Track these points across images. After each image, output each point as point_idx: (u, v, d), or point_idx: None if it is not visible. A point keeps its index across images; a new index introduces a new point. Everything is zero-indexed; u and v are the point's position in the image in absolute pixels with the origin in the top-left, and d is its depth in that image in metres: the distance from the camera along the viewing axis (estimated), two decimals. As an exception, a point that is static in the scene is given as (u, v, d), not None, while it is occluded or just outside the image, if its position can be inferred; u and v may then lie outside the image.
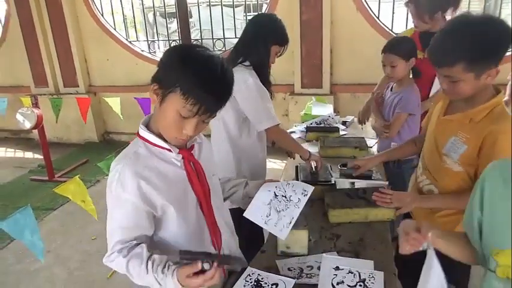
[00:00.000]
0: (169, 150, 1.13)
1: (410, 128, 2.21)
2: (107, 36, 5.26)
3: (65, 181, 2.39)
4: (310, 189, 1.42)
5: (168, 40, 5.55)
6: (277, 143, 2.07)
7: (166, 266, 1.06)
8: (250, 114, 1.89)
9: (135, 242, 1.12)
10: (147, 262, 1.08)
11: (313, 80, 4.54)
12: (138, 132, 1.17)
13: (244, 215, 1.39)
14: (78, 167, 4.67)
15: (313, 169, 1.91)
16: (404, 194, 1.63)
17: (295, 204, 1.37)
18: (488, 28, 1.16)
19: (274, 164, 4.09)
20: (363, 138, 2.43)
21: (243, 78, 1.81)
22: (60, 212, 3.66)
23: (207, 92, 0.99)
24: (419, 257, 0.98)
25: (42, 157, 4.48)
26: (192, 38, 5.03)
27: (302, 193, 1.41)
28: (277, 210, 1.37)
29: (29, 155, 5.39)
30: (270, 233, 1.61)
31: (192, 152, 1.20)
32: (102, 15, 5.29)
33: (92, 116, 5.32)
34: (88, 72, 5.50)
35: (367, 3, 4.29)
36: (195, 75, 0.99)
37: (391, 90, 2.31)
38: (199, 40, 5.25)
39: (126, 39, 5.32)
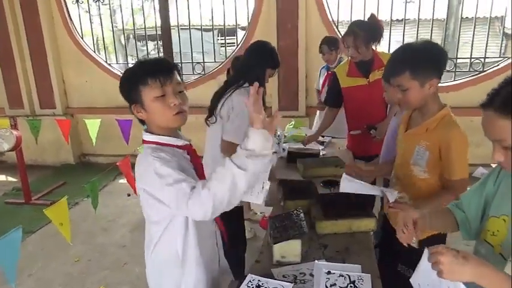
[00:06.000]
0: (179, 147, 1.34)
1: None
2: (85, 58, 5.31)
3: (42, 204, 2.37)
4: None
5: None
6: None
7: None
8: (227, 123, 2.14)
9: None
10: (229, 161, 1.14)
11: (290, 103, 4.79)
12: (146, 140, 1.33)
13: None
14: (55, 190, 4.60)
15: None
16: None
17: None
18: (425, 46, 1.53)
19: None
20: (338, 157, 2.56)
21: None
22: (39, 235, 3.59)
23: (150, 67, 1.29)
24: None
25: (16, 180, 4.40)
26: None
27: None
28: None
29: (1, 177, 5.24)
30: (262, 244, 1.74)
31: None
32: (82, 37, 5.34)
33: (69, 138, 5.27)
34: (66, 93, 5.49)
35: (339, 31, 4.60)
36: (136, 71, 1.32)
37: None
38: (180, 64, 5.37)
39: (106, 62, 5.38)
